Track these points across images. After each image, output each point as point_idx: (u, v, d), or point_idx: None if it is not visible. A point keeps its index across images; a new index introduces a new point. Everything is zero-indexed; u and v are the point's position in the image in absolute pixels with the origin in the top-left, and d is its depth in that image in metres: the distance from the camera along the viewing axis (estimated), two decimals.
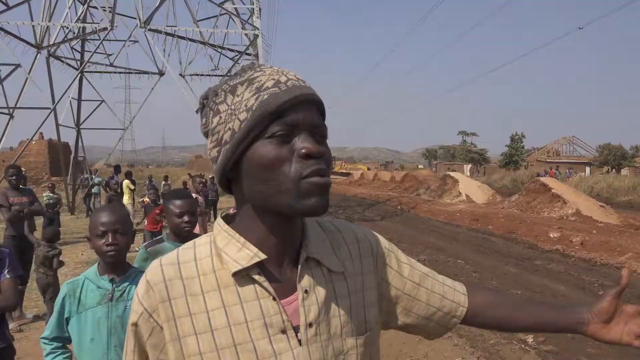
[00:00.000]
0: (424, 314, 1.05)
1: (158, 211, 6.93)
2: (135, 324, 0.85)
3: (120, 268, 2.13)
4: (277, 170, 0.79)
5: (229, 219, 0.92)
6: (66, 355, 2.10)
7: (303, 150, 0.78)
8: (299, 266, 0.86)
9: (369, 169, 58.59)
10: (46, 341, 2.07)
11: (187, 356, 0.81)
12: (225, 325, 0.81)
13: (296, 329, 0.83)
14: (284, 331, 0.82)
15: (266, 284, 0.83)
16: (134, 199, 13.41)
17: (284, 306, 0.83)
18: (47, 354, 2.06)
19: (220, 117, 0.84)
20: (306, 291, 0.85)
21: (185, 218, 2.71)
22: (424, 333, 1.10)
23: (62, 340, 2.08)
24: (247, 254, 0.84)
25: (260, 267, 0.84)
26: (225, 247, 0.86)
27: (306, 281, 0.86)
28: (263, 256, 0.84)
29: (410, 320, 1.05)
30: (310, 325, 0.84)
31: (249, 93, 0.81)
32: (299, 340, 0.82)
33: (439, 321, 1.07)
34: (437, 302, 1.06)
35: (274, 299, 0.82)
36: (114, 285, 2.07)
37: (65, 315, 2.04)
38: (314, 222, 0.96)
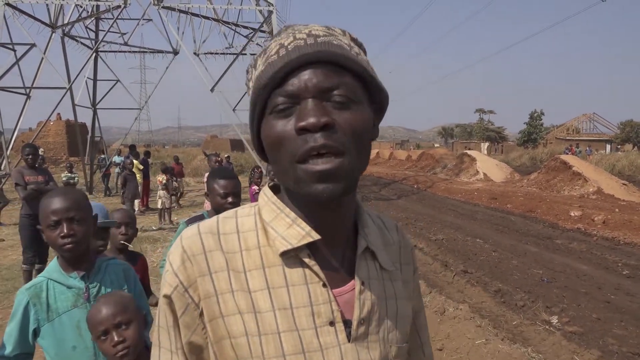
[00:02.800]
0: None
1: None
2: (169, 297, 0.75)
3: (85, 262, 1.78)
4: (281, 149, 0.70)
5: (275, 189, 0.83)
6: None
7: (299, 124, 0.67)
8: (357, 255, 0.77)
9: None
10: None
11: (232, 337, 0.71)
12: (269, 309, 0.71)
13: (346, 324, 0.74)
14: (332, 323, 0.73)
15: (316, 268, 0.74)
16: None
17: (335, 296, 0.74)
18: None
19: (250, 95, 0.78)
20: (363, 283, 0.76)
21: (230, 199, 2.63)
22: None
23: (26, 356, 1.74)
24: (298, 232, 0.74)
25: (310, 249, 0.75)
26: (272, 221, 0.77)
27: (364, 272, 0.77)
28: (317, 236, 0.74)
29: None
30: (362, 322, 0.74)
31: (262, 65, 0.73)
32: (348, 337, 0.73)
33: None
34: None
35: (324, 285, 0.73)
36: (87, 283, 1.76)
37: (32, 326, 1.70)
38: (365, 211, 0.86)
